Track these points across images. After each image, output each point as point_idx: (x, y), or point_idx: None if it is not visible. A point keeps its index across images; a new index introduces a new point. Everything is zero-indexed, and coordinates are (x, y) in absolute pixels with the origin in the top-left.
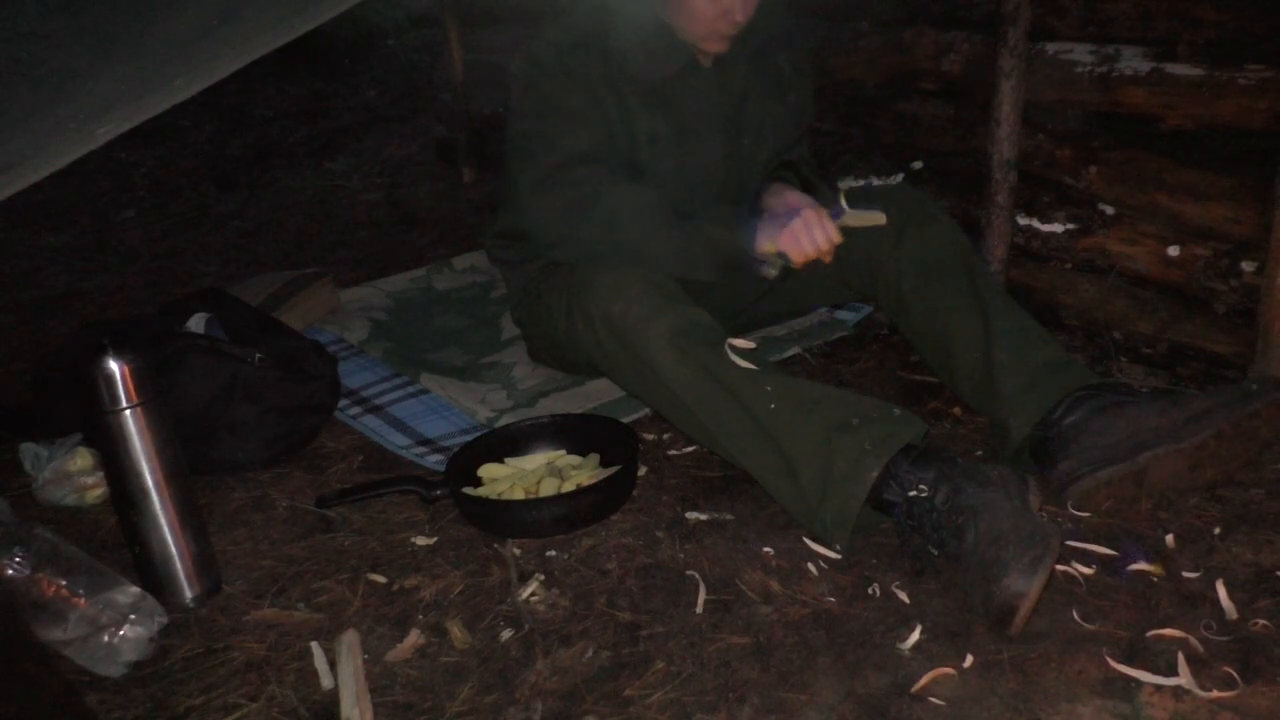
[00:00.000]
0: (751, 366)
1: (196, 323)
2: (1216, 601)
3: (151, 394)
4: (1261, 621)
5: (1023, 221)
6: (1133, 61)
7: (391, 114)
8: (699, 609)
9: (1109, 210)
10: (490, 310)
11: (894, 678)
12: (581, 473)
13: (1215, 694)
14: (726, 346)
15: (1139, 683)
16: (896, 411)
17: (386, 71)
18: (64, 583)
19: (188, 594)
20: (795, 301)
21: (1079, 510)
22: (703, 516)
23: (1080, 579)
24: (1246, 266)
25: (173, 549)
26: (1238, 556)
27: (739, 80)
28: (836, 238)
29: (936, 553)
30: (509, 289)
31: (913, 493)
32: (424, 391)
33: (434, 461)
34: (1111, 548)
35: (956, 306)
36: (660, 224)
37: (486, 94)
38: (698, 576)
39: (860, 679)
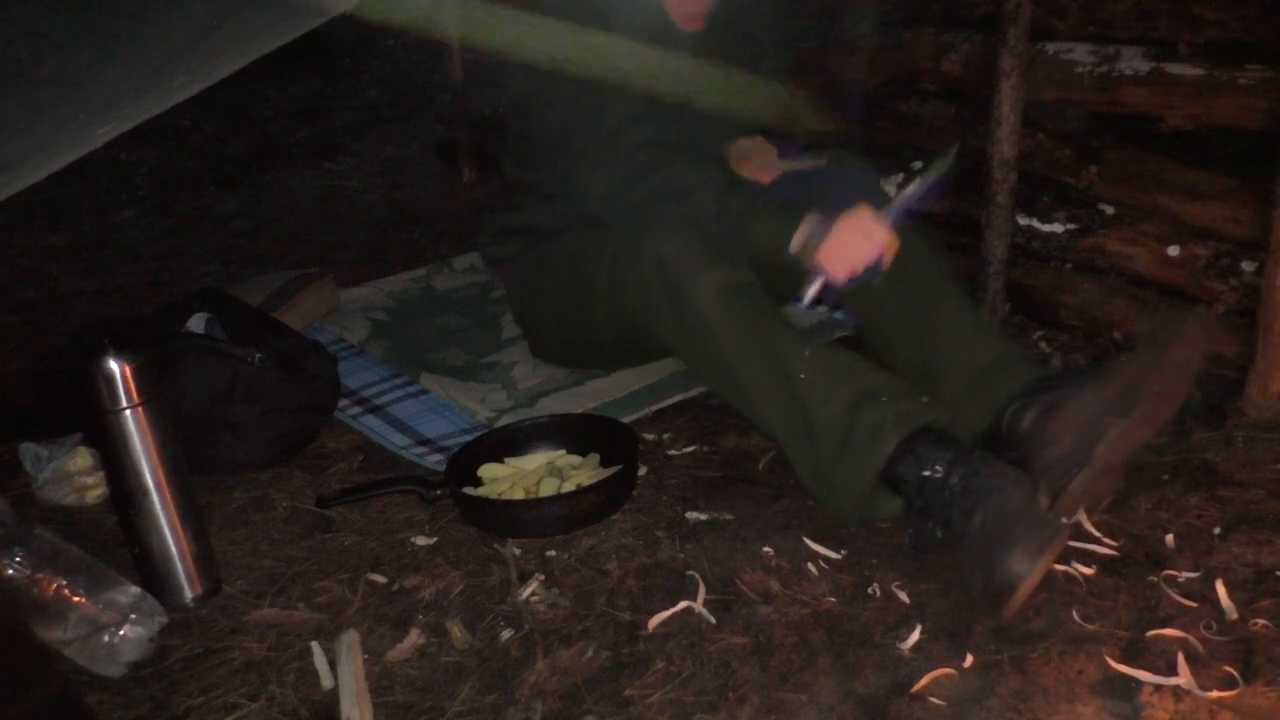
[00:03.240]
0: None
1: (196, 323)
2: (1216, 601)
3: (151, 394)
4: (1261, 621)
5: (1023, 221)
6: (1133, 61)
7: (391, 114)
8: (699, 609)
9: (1109, 210)
10: (490, 310)
11: (894, 678)
12: (581, 473)
13: (1215, 694)
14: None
15: (1139, 683)
16: (925, 397)
17: (386, 71)
18: (64, 582)
19: (188, 594)
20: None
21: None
22: (703, 516)
23: (1080, 579)
24: (1246, 266)
25: (173, 549)
26: (1238, 556)
27: (719, 48)
28: (891, 245)
29: (941, 533)
30: (508, 286)
31: (927, 471)
32: (424, 391)
33: (434, 461)
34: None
35: (891, 298)
36: (721, 198)
37: (486, 94)
38: (698, 576)
39: (860, 679)
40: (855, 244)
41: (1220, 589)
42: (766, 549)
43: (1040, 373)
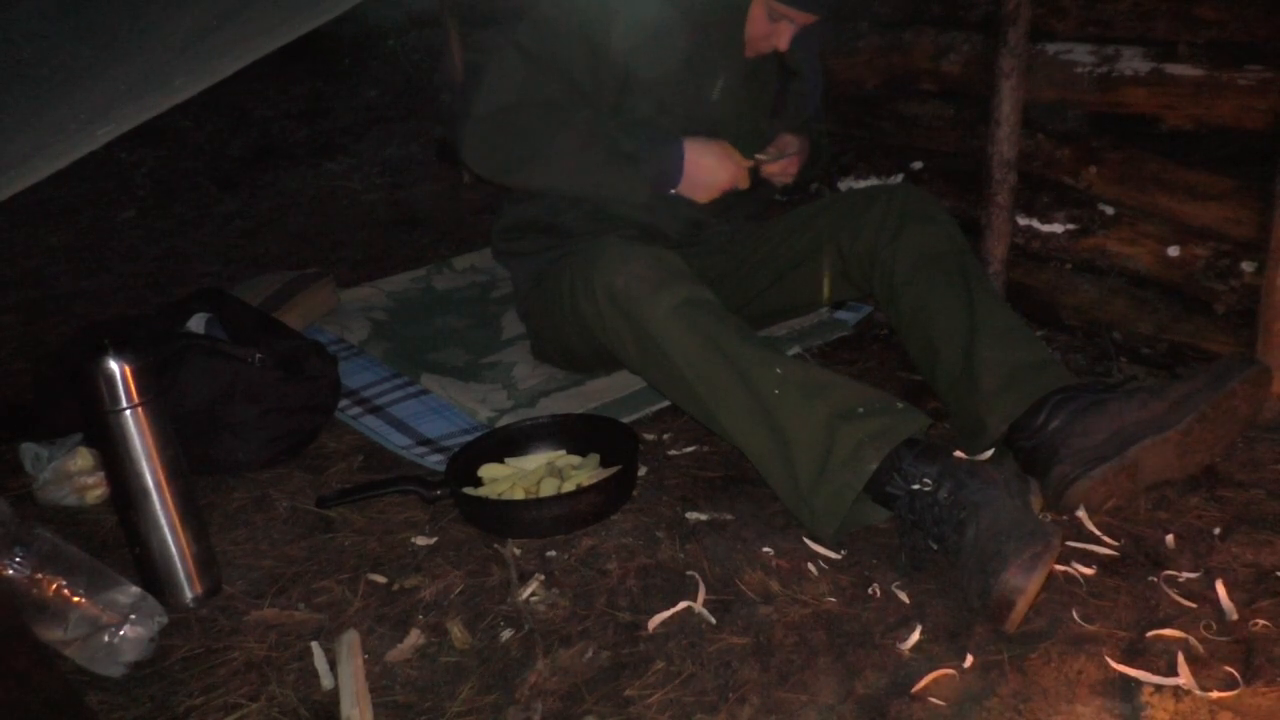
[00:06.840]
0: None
1: (197, 323)
2: (1216, 601)
3: (152, 394)
4: (1261, 621)
5: (1023, 221)
6: (1133, 61)
7: (391, 114)
8: (699, 609)
9: (1109, 210)
10: (490, 310)
11: (894, 678)
12: (581, 473)
13: (1215, 694)
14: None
15: (1139, 683)
16: (900, 405)
17: (386, 71)
18: (64, 582)
19: (188, 594)
20: (798, 298)
21: (1078, 512)
22: (703, 516)
23: (1080, 579)
24: (1246, 266)
25: (173, 549)
26: (1238, 556)
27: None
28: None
29: (935, 547)
30: (517, 282)
31: (916, 485)
32: (424, 392)
33: (434, 461)
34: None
35: (945, 301)
36: (585, 138)
37: None
38: (698, 576)
39: (860, 679)
40: (710, 167)
41: (1220, 589)
42: (766, 549)
43: (1089, 380)
